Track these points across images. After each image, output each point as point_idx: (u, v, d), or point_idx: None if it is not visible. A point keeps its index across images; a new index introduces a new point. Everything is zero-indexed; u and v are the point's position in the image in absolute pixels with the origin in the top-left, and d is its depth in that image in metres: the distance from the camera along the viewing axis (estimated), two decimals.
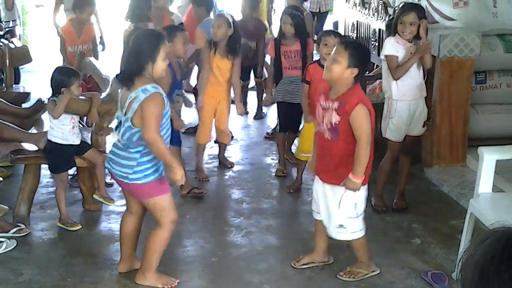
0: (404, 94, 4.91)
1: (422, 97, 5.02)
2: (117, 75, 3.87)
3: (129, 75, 3.70)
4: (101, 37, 7.68)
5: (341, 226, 3.94)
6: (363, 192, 3.91)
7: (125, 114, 3.70)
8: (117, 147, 3.82)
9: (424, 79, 5.14)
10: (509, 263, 1.21)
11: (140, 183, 3.75)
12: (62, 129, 4.74)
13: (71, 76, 4.74)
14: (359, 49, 3.89)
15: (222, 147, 6.24)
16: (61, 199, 4.83)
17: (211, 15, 7.43)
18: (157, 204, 3.83)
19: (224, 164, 6.20)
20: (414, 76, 4.89)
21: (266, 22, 8.33)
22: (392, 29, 4.99)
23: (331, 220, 3.96)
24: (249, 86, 8.05)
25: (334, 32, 5.33)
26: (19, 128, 5.11)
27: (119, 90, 5.38)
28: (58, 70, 4.82)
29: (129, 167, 3.74)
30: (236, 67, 5.82)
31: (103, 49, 7.81)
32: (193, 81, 8.06)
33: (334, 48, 3.87)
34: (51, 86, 4.74)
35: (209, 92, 5.79)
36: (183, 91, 5.68)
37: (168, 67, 5.12)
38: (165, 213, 3.84)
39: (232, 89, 5.92)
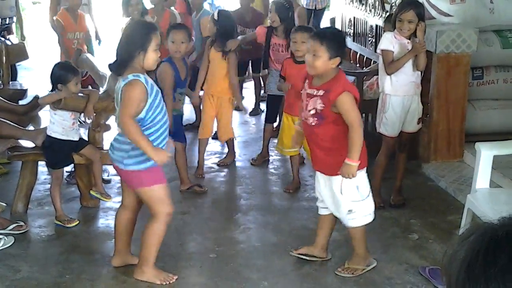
0: (398, 89, 4.91)
1: (416, 93, 5.01)
2: (109, 65, 3.87)
3: (120, 63, 3.72)
4: (96, 32, 7.72)
5: (350, 211, 3.96)
6: (363, 174, 3.95)
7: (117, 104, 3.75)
8: (118, 134, 3.85)
9: (420, 77, 5.14)
10: (494, 258, 1.22)
11: (134, 169, 3.73)
12: (63, 125, 4.74)
13: (69, 72, 4.74)
14: (335, 38, 3.88)
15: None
16: (56, 196, 4.83)
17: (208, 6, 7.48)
18: (151, 194, 3.80)
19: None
20: (408, 73, 4.89)
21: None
22: (392, 24, 4.99)
23: (339, 209, 3.98)
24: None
25: (304, 28, 5.35)
26: (16, 125, 5.10)
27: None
28: (58, 65, 4.84)
29: (124, 151, 3.73)
30: (232, 64, 5.81)
31: (99, 43, 7.85)
32: None
33: (310, 43, 3.86)
34: (51, 80, 4.74)
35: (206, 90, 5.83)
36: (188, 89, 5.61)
37: (171, 65, 5.14)
38: (160, 204, 3.82)
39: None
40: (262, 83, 8.02)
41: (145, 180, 3.77)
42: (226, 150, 6.34)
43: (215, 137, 6.26)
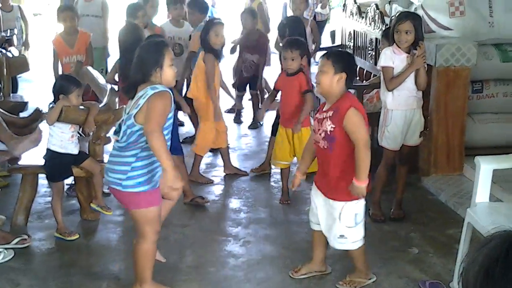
0: (399, 104, 4.92)
1: (418, 107, 5.02)
2: (123, 89, 3.84)
3: (134, 84, 3.67)
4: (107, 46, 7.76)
5: (342, 236, 3.94)
6: (362, 201, 3.92)
7: (128, 112, 3.64)
8: (113, 155, 3.74)
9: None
10: None
11: (133, 191, 3.64)
12: (61, 137, 4.74)
13: (71, 83, 4.74)
14: (342, 55, 3.98)
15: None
16: (57, 209, 4.82)
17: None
18: (145, 215, 3.71)
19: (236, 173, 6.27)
20: (410, 87, 4.90)
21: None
22: (389, 38, 5.01)
23: (331, 231, 3.96)
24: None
25: (290, 44, 5.33)
26: (5, 127, 4.96)
27: (116, 100, 5.43)
28: (61, 77, 4.86)
29: (122, 173, 3.63)
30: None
31: (108, 56, 7.90)
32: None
33: (320, 62, 3.91)
34: (53, 92, 4.75)
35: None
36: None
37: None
38: (150, 225, 3.74)
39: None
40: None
41: (143, 202, 3.69)
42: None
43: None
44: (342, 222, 3.89)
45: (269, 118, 7.75)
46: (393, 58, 4.86)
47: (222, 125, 6.04)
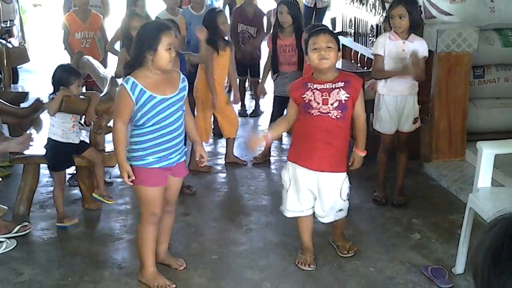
0: (391, 89, 4.93)
1: (411, 94, 4.96)
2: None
3: (131, 65, 3.74)
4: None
5: (340, 210, 4.12)
6: None
7: None
8: None
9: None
10: None
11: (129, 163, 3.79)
12: (63, 127, 4.74)
13: (71, 75, 4.74)
14: (335, 33, 4.15)
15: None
16: (59, 199, 4.83)
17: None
18: (139, 193, 3.84)
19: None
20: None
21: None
22: (388, 24, 5.00)
23: (334, 206, 4.06)
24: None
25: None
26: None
27: (117, 89, 5.42)
28: (60, 68, 4.83)
29: (127, 145, 3.82)
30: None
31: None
32: None
33: (319, 37, 3.88)
34: (52, 83, 4.74)
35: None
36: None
37: None
38: (146, 206, 3.83)
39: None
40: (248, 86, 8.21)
41: (136, 177, 3.77)
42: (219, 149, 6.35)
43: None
44: (342, 196, 4.04)
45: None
46: (385, 46, 4.87)
47: (234, 115, 6.10)
